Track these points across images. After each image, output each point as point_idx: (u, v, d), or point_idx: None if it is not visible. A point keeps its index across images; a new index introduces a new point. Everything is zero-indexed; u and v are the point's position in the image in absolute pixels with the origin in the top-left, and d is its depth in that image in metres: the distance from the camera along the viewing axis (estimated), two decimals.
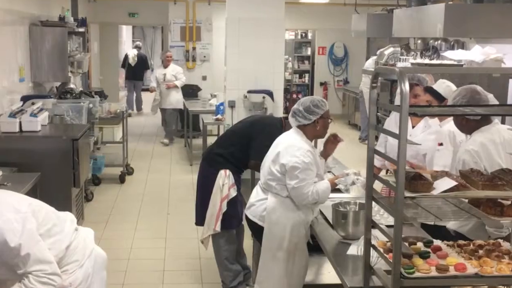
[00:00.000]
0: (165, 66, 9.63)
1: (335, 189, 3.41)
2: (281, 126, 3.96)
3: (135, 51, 13.40)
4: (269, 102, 6.25)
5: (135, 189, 7.16)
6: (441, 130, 3.57)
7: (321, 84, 13.46)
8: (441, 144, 3.44)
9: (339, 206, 3.25)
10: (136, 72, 13.12)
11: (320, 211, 3.48)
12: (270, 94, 6.28)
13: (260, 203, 3.41)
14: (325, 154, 3.50)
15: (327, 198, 3.32)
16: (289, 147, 3.28)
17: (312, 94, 13.27)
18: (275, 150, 3.36)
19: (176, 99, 9.55)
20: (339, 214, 3.12)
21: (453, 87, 3.73)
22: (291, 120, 3.37)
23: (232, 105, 6.35)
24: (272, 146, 3.44)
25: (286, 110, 10.54)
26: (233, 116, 6.30)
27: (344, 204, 3.29)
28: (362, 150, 8.81)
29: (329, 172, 4.09)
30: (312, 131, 3.35)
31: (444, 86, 3.78)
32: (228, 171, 4.13)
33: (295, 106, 3.38)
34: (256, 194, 3.48)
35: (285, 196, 3.31)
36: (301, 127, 3.35)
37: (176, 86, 9.48)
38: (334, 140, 3.48)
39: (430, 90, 3.79)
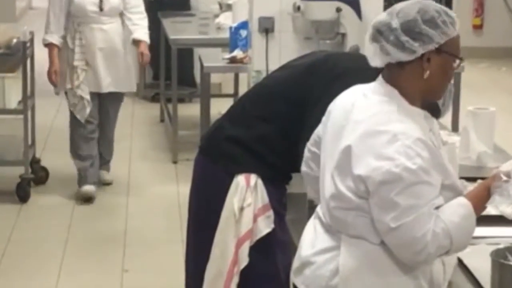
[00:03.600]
0: None
1: (489, 217, 3.48)
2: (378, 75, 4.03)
3: None
4: (350, 20, 6.34)
5: (51, 215, 7.28)
6: None
7: None
8: None
9: (508, 254, 3.32)
10: None
11: (461, 262, 3.54)
12: (353, 2, 6.37)
13: (323, 258, 3.42)
14: None
15: (470, 239, 3.33)
16: (371, 135, 3.27)
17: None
18: (337, 141, 3.37)
19: (129, 73, 8.13)
20: (508, 272, 3.21)
21: None
22: (370, 49, 3.39)
23: (267, 27, 6.47)
24: (330, 128, 3.46)
25: None
26: (269, 54, 6.41)
27: None
28: None
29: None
30: (415, 81, 3.36)
31: None
32: (254, 177, 4.22)
33: (382, 17, 3.37)
34: (315, 238, 3.49)
35: (378, 244, 3.34)
36: (392, 71, 3.38)
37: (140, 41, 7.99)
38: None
39: None
